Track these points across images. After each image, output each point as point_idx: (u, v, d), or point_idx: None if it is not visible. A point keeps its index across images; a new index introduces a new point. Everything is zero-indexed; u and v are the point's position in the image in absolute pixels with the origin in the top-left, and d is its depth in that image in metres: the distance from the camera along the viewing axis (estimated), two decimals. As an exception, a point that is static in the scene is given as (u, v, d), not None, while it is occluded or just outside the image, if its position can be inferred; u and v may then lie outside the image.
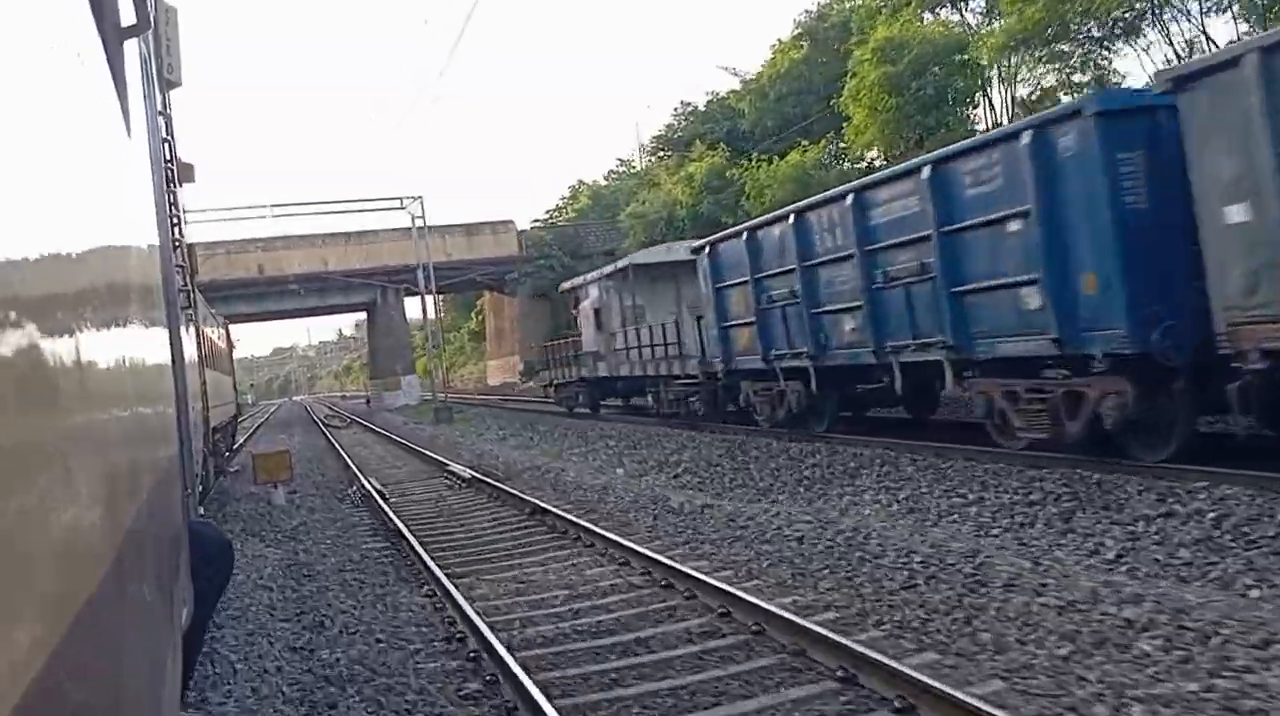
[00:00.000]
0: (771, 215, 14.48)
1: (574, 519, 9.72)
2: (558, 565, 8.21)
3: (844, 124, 27.67)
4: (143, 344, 1.77)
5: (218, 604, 4.31)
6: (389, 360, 44.31)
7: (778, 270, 13.47)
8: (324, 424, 38.05)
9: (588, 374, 23.66)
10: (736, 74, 38.21)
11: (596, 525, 9.34)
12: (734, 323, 15.09)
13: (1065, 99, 21.75)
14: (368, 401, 60.46)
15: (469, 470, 15.21)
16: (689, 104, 38.41)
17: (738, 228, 15.42)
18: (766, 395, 14.68)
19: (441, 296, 33.15)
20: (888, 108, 24.28)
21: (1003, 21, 22.72)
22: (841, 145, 28.70)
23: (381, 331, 44.60)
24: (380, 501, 12.91)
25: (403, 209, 32.72)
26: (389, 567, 8.79)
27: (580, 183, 63.44)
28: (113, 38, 1.81)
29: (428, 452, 19.72)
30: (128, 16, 2.09)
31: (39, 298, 0.85)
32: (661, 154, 37.98)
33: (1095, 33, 22.07)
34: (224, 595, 4.39)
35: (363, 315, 53.38)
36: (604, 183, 59.03)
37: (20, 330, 0.77)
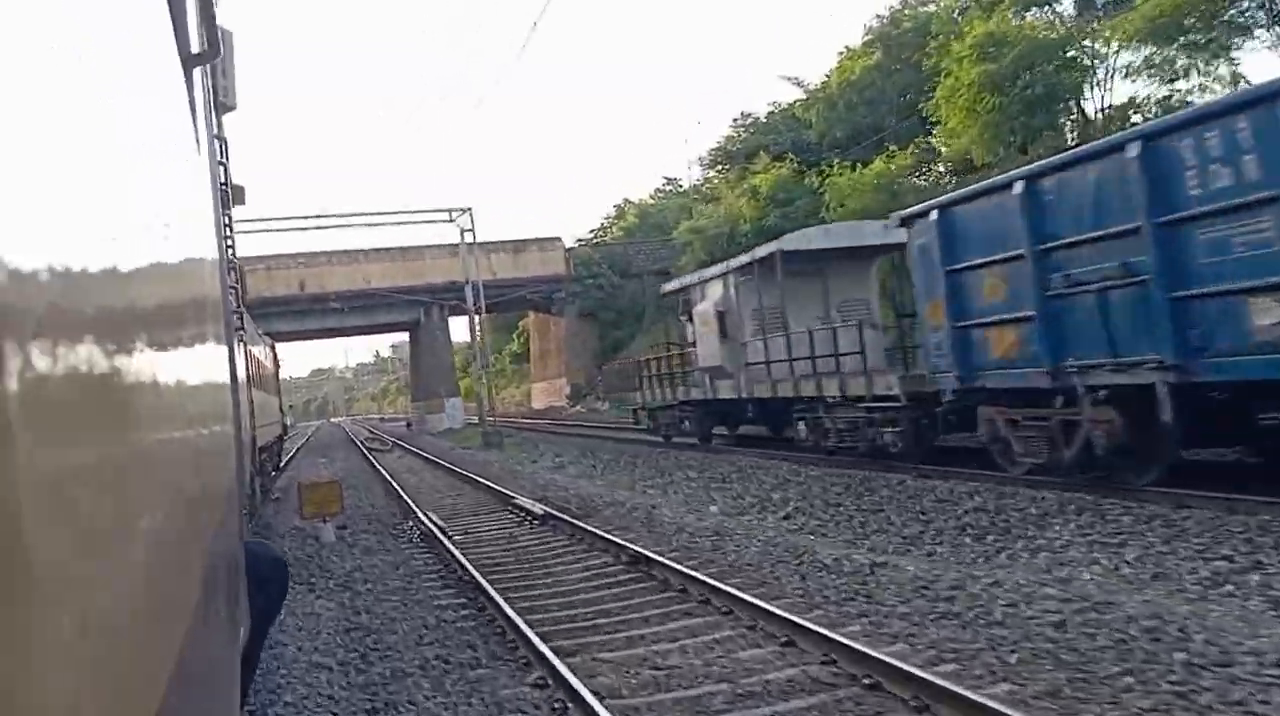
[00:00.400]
0: (1073, 153, 9.87)
1: (692, 573, 7.85)
2: (695, 641, 6.34)
3: (929, 130, 25.83)
4: (208, 362, 1.79)
5: (273, 624, 4.23)
6: (432, 381, 42.84)
7: (1096, 234, 8.96)
8: (365, 447, 36.62)
9: (702, 395, 19.28)
10: (800, 84, 36.61)
11: (725, 582, 7.47)
12: (982, 320, 10.75)
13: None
14: (408, 424, 59.30)
15: (538, 504, 13.43)
16: (749, 115, 36.85)
17: (989, 182, 11.31)
18: (1038, 427, 10.13)
19: (483, 317, 31.46)
20: (989, 108, 22.33)
21: (1133, 8, 20.72)
22: (928, 149, 26.71)
23: (425, 351, 43.16)
24: (444, 540, 11.16)
25: (451, 222, 31.24)
26: (475, 637, 6.97)
27: (626, 201, 62.06)
28: (187, 64, 1.88)
29: (484, 481, 18.00)
30: (197, 43, 2.12)
31: (123, 312, 0.88)
32: (720, 167, 36.30)
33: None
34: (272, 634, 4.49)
35: (404, 336, 52.07)
36: (650, 201, 57.57)
37: (103, 346, 0.79)
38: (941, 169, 26.32)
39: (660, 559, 8.62)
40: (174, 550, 0.97)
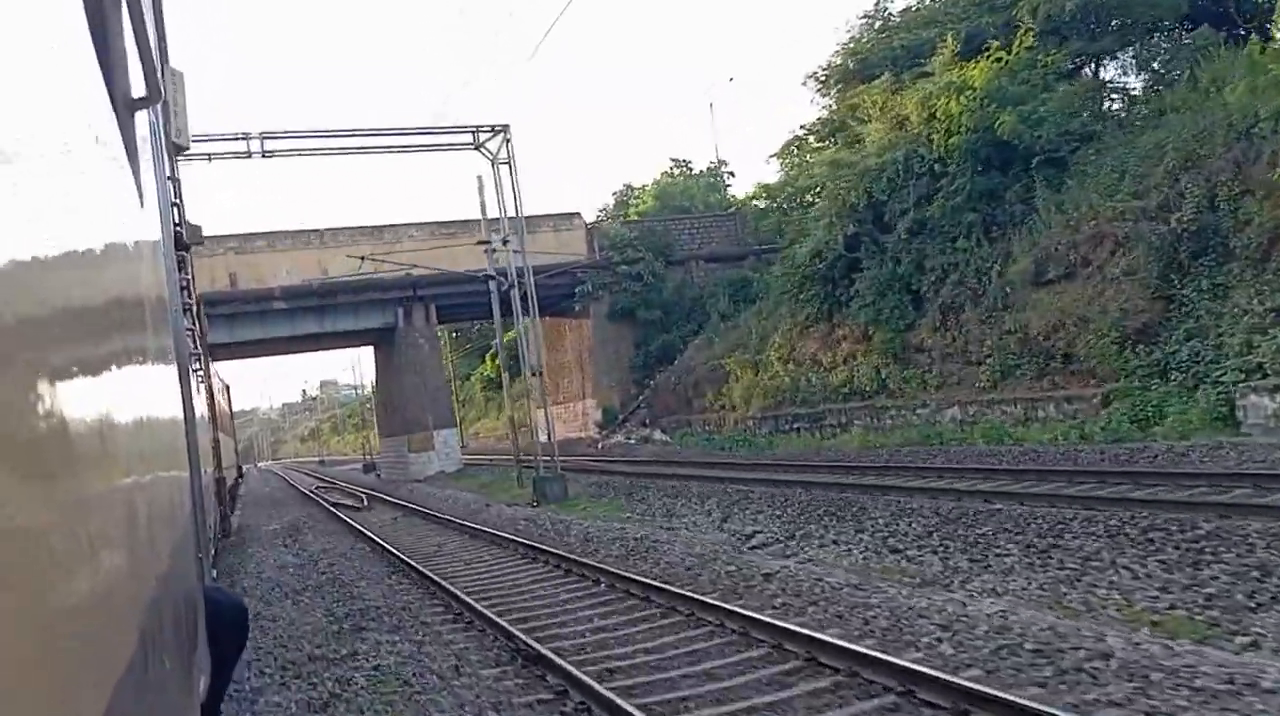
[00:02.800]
0: None
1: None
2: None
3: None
4: (156, 404, 1.79)
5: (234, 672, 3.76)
6: (414, 408, 32.02)
7: None
8: (324, 500, 25.92)
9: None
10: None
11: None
12: None
13: None
14: (369, 468, 48.12)
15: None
16: (881, 8, 27.24)
17: None
18: None
19: (530, 310, 21.29)
20: None
21: None
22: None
23: (405, 367, 32.36)
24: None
25: (476, 148, 20.84)
26: None
27: (628, 186, 52.16)
28: (124, 109, 1.89)
29: (635, 578, 8.53)
30: (139, 88, 2.12)
31: (55, 365, 0.87)
32: (844, 86, 26.67)
33: None
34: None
35: (367, 350, 40.97)
36: (668, 180, 47.91)
37: (39, 394, 0.79)
38: None
39: None
40: (103, 598, 0.94)
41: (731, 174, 69.09)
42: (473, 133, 20.92)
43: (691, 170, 50.54)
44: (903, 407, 20.94)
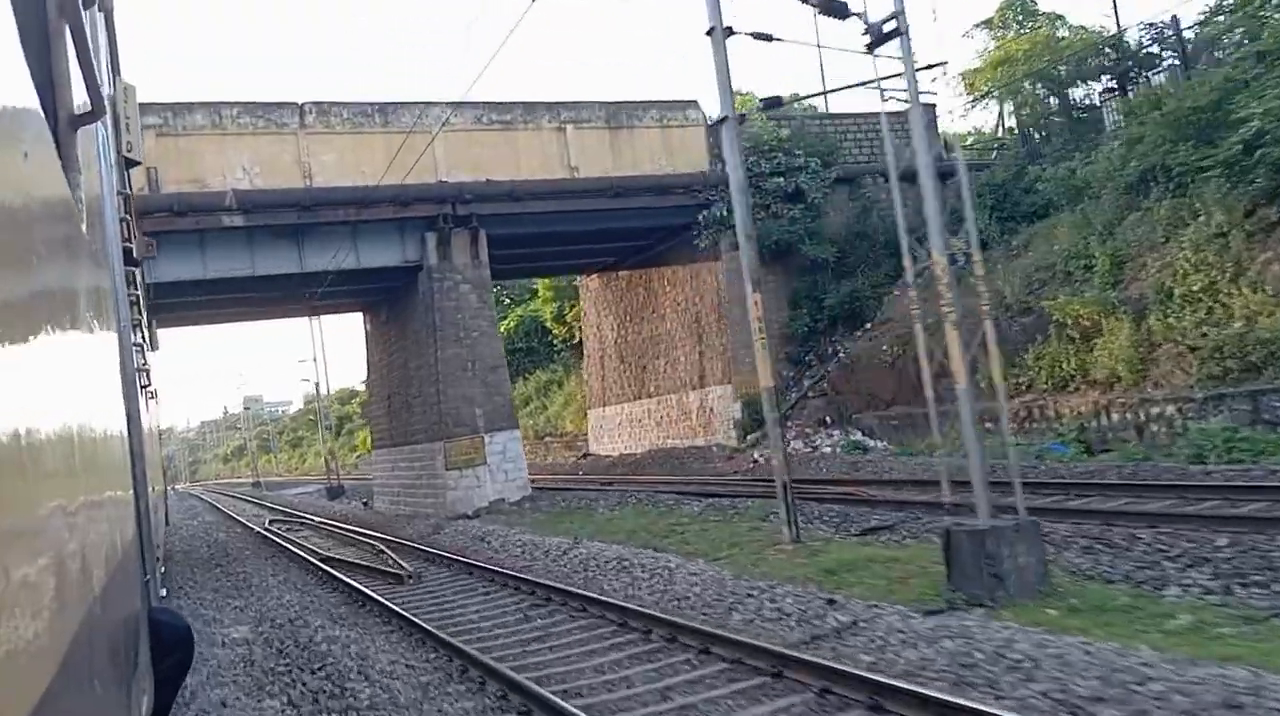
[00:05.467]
0: None
1: None
2: None
3: None
4: (99, 415, 1.77)
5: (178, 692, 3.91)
6: (456, 398, 20.15)
7: None
8: (291, 546, 14.83)
9: None
10: None
11: None
12: None
13: None
14: (338, 493, 36.09)
15: None
16: None
17: None
18: None
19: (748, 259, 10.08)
20: None
21: None
22: None
23: (433, 333, 20.45)
24: None
25: None
26: None
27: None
28: (65, 126, 1.90)
29: None
30: (82, 103, 2.10)
31: None
32: None
33: None
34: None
35: (357, 317, 28.90)
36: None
37: None
38: None
39: None
40: (27, 616, 0.93)
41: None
42: None
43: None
44: None
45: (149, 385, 8.31)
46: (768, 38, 11.93)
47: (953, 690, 5.74)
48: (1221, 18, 19.77)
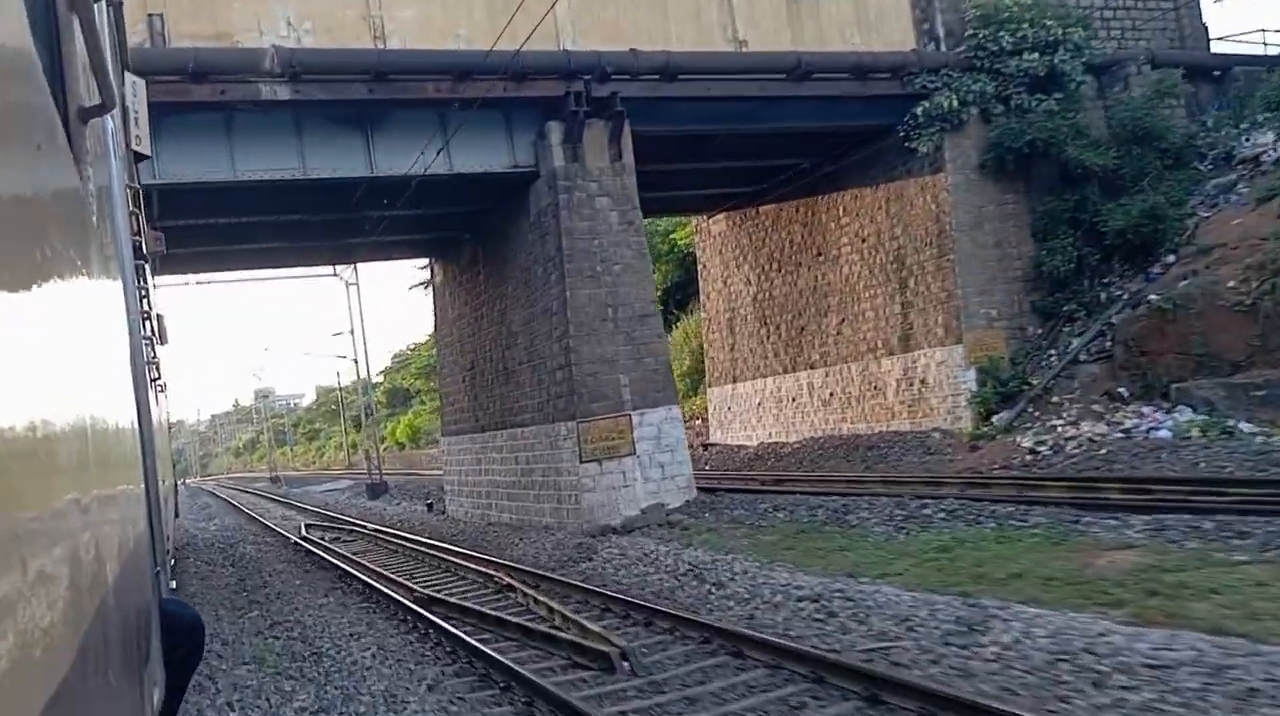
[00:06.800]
0: None
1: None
2: None
3: None
4: (111, 408, 1.77)
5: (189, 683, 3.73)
6: (592, 361, 14.20)
7: None
8: (395, 587, 10.80)
9: None
10: None
11: None
12: None
13: None
14: (382, 490, 30.67)
15: None
16: None
17: None
18: None
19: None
20: None
21: None
22: None
23: (572, 263, 14.52)
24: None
25: None
26: None
27: None
28: (75, 119, 1.87)
29: None
30: (92, 96, 2.10)
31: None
32: None
33: None
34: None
35: (423, 265, 23.07)
36: None
37: None
38: None
39: None
40: (42, 609, 0.93)
41: None
42: None
43: None
44: None
45: (159, 378, 8.64)
46: None
47: None
48: None
